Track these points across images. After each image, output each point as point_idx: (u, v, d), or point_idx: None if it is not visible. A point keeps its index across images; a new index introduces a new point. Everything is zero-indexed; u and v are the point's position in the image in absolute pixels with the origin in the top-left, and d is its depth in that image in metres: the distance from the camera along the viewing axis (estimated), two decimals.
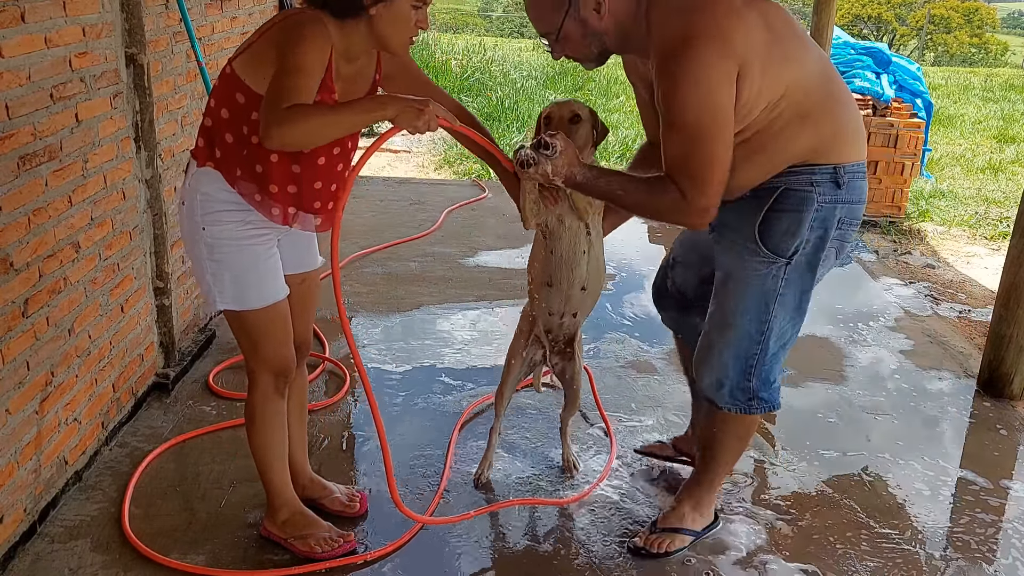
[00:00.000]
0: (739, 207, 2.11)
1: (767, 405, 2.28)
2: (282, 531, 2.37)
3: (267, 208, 2.05)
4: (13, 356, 2.29)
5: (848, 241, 2.18)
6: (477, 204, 5.68)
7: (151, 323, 3.17)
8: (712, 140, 1.91)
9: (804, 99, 2.00)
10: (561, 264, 2.41)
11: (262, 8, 4.25)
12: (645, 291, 4.25)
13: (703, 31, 1.88)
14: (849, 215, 2.12)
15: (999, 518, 2.69)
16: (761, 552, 2.48)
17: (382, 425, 2.24)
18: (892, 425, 3.21)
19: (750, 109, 1.96)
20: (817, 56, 2.06)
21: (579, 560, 2.42)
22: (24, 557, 2.33)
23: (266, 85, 1.87)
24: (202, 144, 2.06)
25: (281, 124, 1.77)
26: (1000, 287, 3.48)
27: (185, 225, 2.10)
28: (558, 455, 2.86)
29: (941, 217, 6.47)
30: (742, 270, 2.16)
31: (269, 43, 1.92)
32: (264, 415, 2.25)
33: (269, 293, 2.13)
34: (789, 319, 2.20)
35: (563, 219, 2.36)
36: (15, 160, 2.26)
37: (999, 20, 35.33)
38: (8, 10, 2.20)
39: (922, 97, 6.36)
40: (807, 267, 2.13)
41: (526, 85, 10.84)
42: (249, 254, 2.08)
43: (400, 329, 3.81)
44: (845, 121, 2.09)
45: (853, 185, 2.09)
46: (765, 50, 1.92)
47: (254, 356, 2.20)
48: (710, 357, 2.27)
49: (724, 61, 1.88)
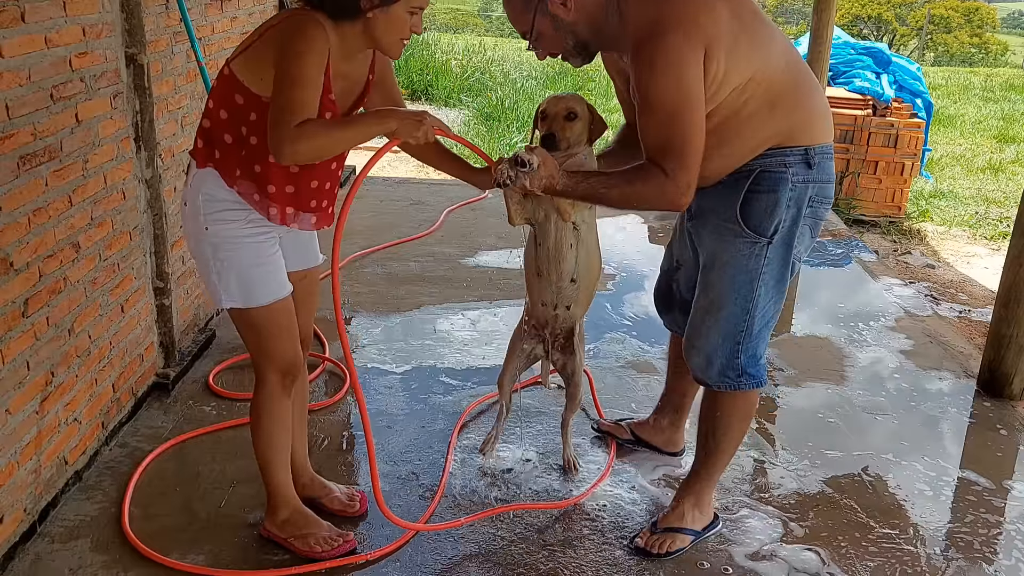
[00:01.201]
0: (719, 191, 2.21)
1: (755, 381, 2.35)
2: (282, 530, 2.37)
3: (265, 208, 2.07)
4: (13, 356, 2.29)
5: (821, 219, 2.28)
6: (477, 204, 5.68)
7: (151, 323, 3.17)
8: (686, 119, 2.01)
9: (771, 86, 2.10)
10: (549, 257, 2.45)
11: (262, 8, 4.25)
12: (645, 291, 4.25)
13: (672, 17, 1.99)
14: (819, 194, 2.22)
15: (1000, 518, 2.69)
16: (761, 552, 2.48)
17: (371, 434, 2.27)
18: (892, 425, 3.21)
19: (716, 90, 2.05)
20: (783, 46, 2.16)
21: (579, 560, 2.42)
22: (24, 557, 2.33)
23: (264, 87, 1.91)
24: (201, 145, 2.08)
25: (294, 142, 1.84)
26: (1000, 287, 3.48)
27: (189, 225, 2.12)
28: (559, 455, 2.86)
29: (941, 217, 6.48)
30: (726, 252, 2.24)
31: (268, 44, 1.94)
32: (270, 414, 2.26)
33: (274, 290, 2.15)
34: (771, 297, 2.28)
35: (549, 215, 2.41)
36: (15, 160, 2.26)
37: (999, 20, 35.33)
38: (8, 10, 2.20)
39: (922, 97, 6.36)
40: (785, 246, 2.22)
41: (526, 85, 10.84)
42: (253, 252, 2.10)
43: (400, 329, 3.81)
44: (812, 106, 2.19)
45: (823, 165, 2.20)
46: (731, 37, 2.02)
47: (261, 354, 2.21)
48: (699, 338, 2.34)
49: (692, 45, 1.98)
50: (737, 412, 2.40)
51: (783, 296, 2.32)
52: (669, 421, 2.88)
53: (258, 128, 1.98)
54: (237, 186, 2.04)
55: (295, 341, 2.24)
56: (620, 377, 3.47)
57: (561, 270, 2.46)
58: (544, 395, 3.27)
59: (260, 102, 1.95)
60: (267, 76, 1.90)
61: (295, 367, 2.26)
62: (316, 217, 2.18)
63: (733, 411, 2.39)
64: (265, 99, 1.93)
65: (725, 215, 2.20)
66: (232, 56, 2.02)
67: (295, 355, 2.25)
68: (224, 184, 2.05)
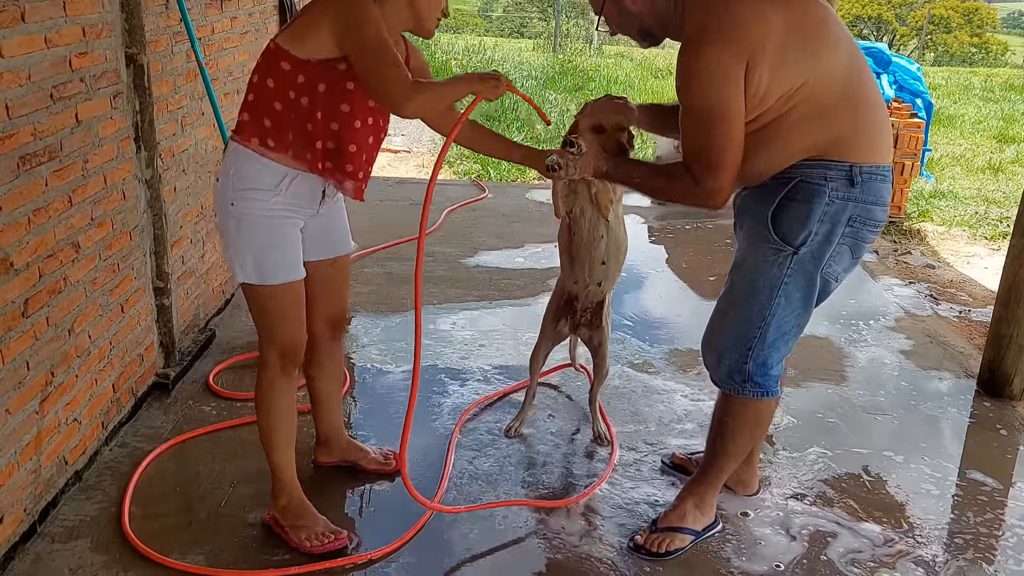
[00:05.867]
0: (758, 194, 2.20)
1: (761, 391, 2.32)
2: (283, 517, 2.42)
3: (315, 164, 2.18)
4: (13, 356, 2.30)
5: (864, 241, 2.22)
6: (477, 204, 5.68)
7: (151, 323, 3.17)
8: (719, 130, 2.03)
9: (822, 96, 2.07)
10: (581, 245, 2.70)
11: (262, 8, 4.25)
12: (645, 291, 4.26)
13: (721, 24, 2.00)
14: (863, 214, 2.16)
15: (1000, 518, 2.69)
16: (761, 552, 2.48)
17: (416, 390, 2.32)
18: (892, 425, 3.21)
19: (760, 100, 2.04)
20: (844, 58, 2.10)
21: (579, 560, 2.42)
22: (24, 557, 2.33)
23: (309, 51, 2.08)
24: (247, 118, 2.19)
25: (417, 94, 2.08)
26: (1000, 287, 3.48)
27: (218, 199, 2.24)
28: (560, 455, 2.86)
29: (941, 217, 6.48)
30: (753, 256, 2.24)
31: (320, 15, 2.08)
32: (271, 395, 2.34)
33: (287, 271, 2.25)
34: (793, 311, 2.24)
35: (585, 211, 2.65)
36: (15, 160, 2.26)
37: (999, 20, 35.32)
38: (8, 10, 2.20)
39: (922, 97, 6.36)
40: (813, 261, 2.18)
41: (526, 85, 10.84)
42: (272, 232, 2.21)
43: (400, 329, 3.81)
44: (866, 122, 2.14)
45: (870, 186, 2.13)
46: (779, 49, 2.00)
47: (266, 334, 2.31)
48: (713, 335, 2.36)
49: (733, 55, 1.98)
50: (746, 419, 2.36)
51: (808, 312, 2.27)
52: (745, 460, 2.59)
53: (306, 89, 2.11)
54: (291, 149, 2.15)
55: (300, 327, 2.33)
56: (620, 377, 3.47)
57: (593, 256, 2.69)
58: (545, 398, 3.27)
59: (307, 65, 2.09)
60: (319, 40, 2.06)
61: (296, 352, 2.34)
62: (351, 184, 2.25)
63: (741, 418, 2.36)
64: (312, 61, 2.08)
65: (758, 217, 2.19)
66: (278, 33, 2.17)
67: (298, 340, 2.33)
68: (257, 163, 2.15)
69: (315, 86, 2.11)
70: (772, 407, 2.39)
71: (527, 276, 4.42)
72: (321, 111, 2.13)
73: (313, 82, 2.10)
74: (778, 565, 2.43)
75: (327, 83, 2.11)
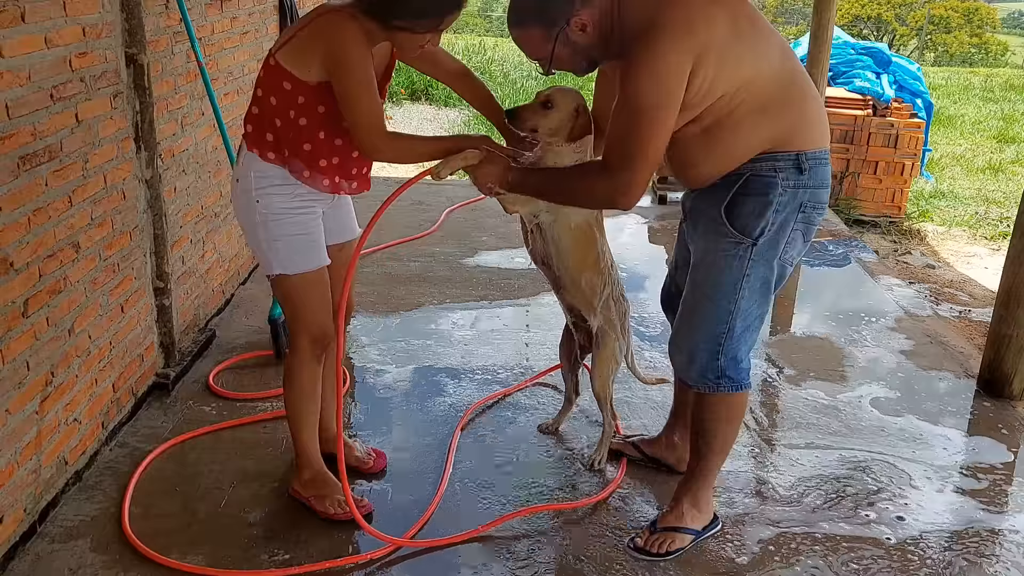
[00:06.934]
0: (710, 193, 2.24)
1: (734, 384, 2.34)
2: (305, 489, 2.53)
3: (317, 181, 2.30)
4: (13, 356, 2.30)
5: (813, 224, 2.27)
6: (477, 204, 5.68)
7: (151, 323, 3.17)
8: (651, 118, 2.03)
9: (763, 93, 2.11)
10: (525, 243, 2.69)
11: (262, 8, 4.25)
12: (645, 291, 4.25)
13: (669, 21, 2.01)
14: (812, 199, 2.22)
15: (1000, 519, 2.69)
16: (761, 552, 2.48)
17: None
18: (892, 425, 3.21)
19: (703, 98, 2.06)
20: (779, 51, 2.16)
21: (579, 560, 2.42)
22: (24, 557, 2.33)
23: (310, 76, 2.16)
24: (251, 130, 2.29)
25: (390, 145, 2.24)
26: (1000, 287, 3.48)
27: (240, 200, 2.33)
28: (561, 455, 2.86)
29: (941, 217, 6.48)
30: (712, 253, 2.26)
31: (313, 41, 2.14)
32: (300, 378, 2.45)
33: (314, 259, 2.37)
34: (755, 302, 2.28)
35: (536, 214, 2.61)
36: (15, 160, 2.26)
37: (999, 20, 35.34)
38: (8, 10, 2.20)
39: (922, 97, 6.37)
40: (771, 250, 2.22)
41: (526, 85, 10.84)
42: (297, 223, 2.32)
43: (400, 329, 3.81)
44: (806, 111, 2.19)
45: (816, 171, 2.19)
46: (725, 46, 2.03)
47: (296, 320, 2.42)
48: (682, 337, 2.37)
49: (681, 51, 2.00)
50: (722, 415, 2.39)
51: (768, 301, 2.32)
52: (680, 437, 2.76)
53: (306, 110, 2.20)
54: (288, 164, 2.26)
55: (328, 311, 2.43)
56: (620, 377, 3.45)
57: (534, 252, 2.65)
58: (544, 399, 3.27)
59: (307, 87, 2.17)
60: (313, 67, 2.14)
61: (326, 336, 2.44)
62: (358, 183, 2.42)
63: (717, 414, 2.38)
64: (311, 84, 2.16)
65: (712, 214, 2.22)
66: (275, 47, 2.21)
67: (326, 324, 2.43)
68: (273, 163, 2.26)
69: (315, 107, 2.20)
70: (745, 399, 2.42)
71: (527, 276, 4.42)
72: (323, 131, 2.23)
73: (312, 103, 2.19)
74: (778, 565, 2.43)
75: (326, 105, 2.19)
